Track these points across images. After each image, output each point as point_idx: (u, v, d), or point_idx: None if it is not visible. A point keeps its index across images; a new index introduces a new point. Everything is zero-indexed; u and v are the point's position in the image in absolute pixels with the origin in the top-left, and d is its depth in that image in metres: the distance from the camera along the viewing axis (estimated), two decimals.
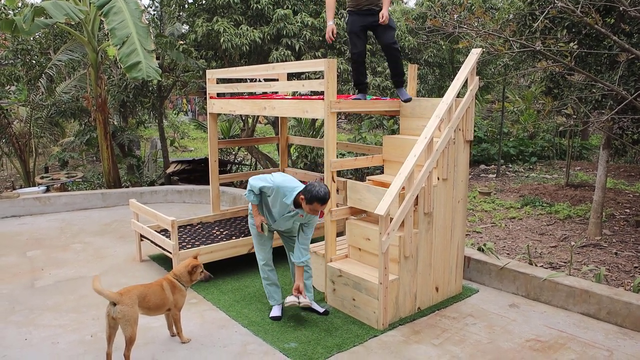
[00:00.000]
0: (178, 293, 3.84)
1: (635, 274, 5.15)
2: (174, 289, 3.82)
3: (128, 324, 3.45)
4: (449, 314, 4.46)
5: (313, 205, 3.88)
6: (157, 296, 3.71)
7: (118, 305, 3.44)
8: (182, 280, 3.88)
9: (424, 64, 12.09)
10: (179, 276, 3.88)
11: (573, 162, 12.51)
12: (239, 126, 13.01)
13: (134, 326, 3.49)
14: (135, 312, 3.51)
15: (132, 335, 3.47)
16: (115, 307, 3.44)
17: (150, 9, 11.29)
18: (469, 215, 7.48)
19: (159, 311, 3.79)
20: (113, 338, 3.52)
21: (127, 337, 3.47)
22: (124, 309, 3.44)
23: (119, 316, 3.43)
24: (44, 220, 7.68)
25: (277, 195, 4.07)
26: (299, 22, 8.49)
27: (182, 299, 3.87)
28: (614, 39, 4.48)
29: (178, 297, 3.83)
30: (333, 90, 4.37)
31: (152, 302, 3.67)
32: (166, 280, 3.85)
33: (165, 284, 3.81)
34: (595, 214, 6.40)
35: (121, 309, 3.44)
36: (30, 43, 10.65)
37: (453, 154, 4.53)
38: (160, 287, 3.76)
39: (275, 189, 4.06)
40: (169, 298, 3.77)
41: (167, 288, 3.78)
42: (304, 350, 3.80)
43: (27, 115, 10.68)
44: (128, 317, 3.45)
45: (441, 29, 5.19)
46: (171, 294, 3.79)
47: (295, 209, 4.07)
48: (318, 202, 3.86)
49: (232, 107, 5.79)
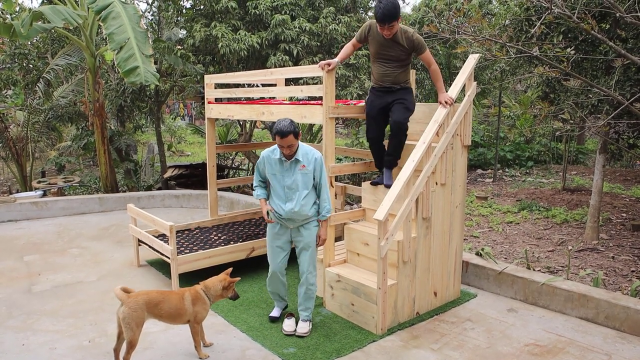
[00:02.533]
0: (200, 306, 3.70)
1: (633, 278, 5.17)
2: (197, 301, 3.70)
3: (128, 327, 3.43)
4: (447, 318, 4.46)
5: (277, 139, 3.91)
6: (173, 305, 3.61)
7: (123, 306, 3.44)
8: (210, 293, 3.77)
9: (421, 69, 12.14)
10: (209, 289, 3.78)
11: (569, 167, 12.55)
12: (237, 131, 13.02)
13: (135, 330, 3.44)
14: (139, 316, 3.47)
15: (131, 339, 3.44)
16: (120, 307, 3.45)
17: (148, 14, 11.31)
18: (467, 219, 7.50)
19: (174, 320, 3.67)
20: (122, 337, 3.52)
21: (127, 340, 3.46)
22: (126, 311, 3.43)
23: (121, 317, 3.44)
24: (41, 225, 7.66)
25: (269, 160, 4.09)
26: (297, 28, 8.52)
27: (203, 312, 3.73)
28: (609, 44, 4.51)
29: (199, 310, 3.69)
30: (331, 96, 4.38)
31: (164, 310, 3.57)
32: (191, 290, 3.74)
33: (187, 294, 3.70)
34: (592, 218, 6.43)
35: (124, 310, 3.43)
36: (28, 47, 10.65)
37: (451, 159, 4.54)
38: (180, 297, 3.66)
39: (265, 158, 4.11)
40: (187, 309, 3.65)
41: (187, 299, 3.67)
42: (303, 356, 3.80)
43: (24, 119, 10.65)
44: (129, 320, 3.43)
45: (438, 35, 5.21)
46: (191, 305, 3.66)
47: (288, 160, 4.03)
48: (278, 135, 3.87)
49: (230, 112, 5.80)
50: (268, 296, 4.90)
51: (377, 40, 4.48)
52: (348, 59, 8.87)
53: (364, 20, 9.81)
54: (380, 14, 4.19)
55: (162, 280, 5.32)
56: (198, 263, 5.08)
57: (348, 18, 8.90)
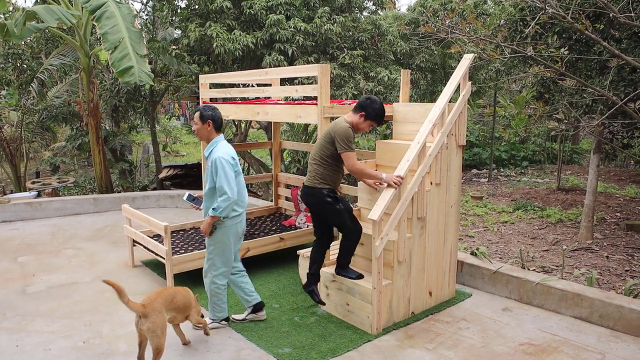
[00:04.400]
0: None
1: (627, 277, 5.20)
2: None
3: (155, 336, 3.41)
4: (442, 318, 4.47)
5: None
6: (184, 297, 3.79)
7: (144, 319, 3.39)
8: None
9: (416, 69, 12.17)
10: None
11: (564, 167, 12.61)
12: (232, 131, 13.00)
13: (161, 337, 3.43)
14: (162, 321, 3.46)
15: (158, 345, 3.42)
16: (140, 319, 3.41)
17: (142, 14, 11.28)
18: (462, 219, 7.51)
19: (185, 312, 3.81)
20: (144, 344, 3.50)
21: (154, 347, 3.42)
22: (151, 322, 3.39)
23: (145, 329, 3.39)
24: (35, 226, 7.62)
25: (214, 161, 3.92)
26: (292, 28, 8.52)
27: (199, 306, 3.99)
28: (603, 44, 4.53)
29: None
30: (326, 95, 4.38)
31: (180, 302, 3.72)
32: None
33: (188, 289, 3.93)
34: (586, 217, 6.46)
35: (148, 323, 3.39)
36: (22, 47, 10.60)
37: (446, 159, 4.55)
38: (186, 290, 3.88)
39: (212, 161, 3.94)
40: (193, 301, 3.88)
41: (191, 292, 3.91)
42: (298, 356, 3.79)
43: (18, 119, 10.60)
44: (154, 329, 3.39)
45: (433, 35, 5.22)
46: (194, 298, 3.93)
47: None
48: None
49: (225, 112, 5.79)
50: (263, 296, 4.89)
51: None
52: (343, 59, 8.89)
53: (359, 20, 9.82)
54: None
55: (157, 280, 5.30)
56: (193, 263, 5.07)
57: (343, 18, 8.90)
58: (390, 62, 10.23)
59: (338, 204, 4.19)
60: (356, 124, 4.17)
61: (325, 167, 4.17)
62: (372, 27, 9.59)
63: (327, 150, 4.14)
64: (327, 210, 4.22)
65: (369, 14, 10.42)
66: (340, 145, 4.02)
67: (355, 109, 4.19)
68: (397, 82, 8.87)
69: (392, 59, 10.27)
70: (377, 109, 4.16)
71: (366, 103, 4.16)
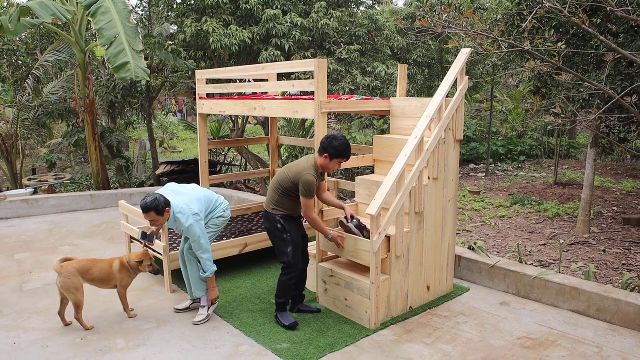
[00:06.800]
0: (125, 274, 4.29)
1: (624, 271, 5.21)
2: (122, 269, 4.28)
3: (69, 292, 4.04)
4: (440, 312, 4.47)
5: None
6: (103, 271, 4.21)
7: (59, 277, 4.04)
8: (130, 264, 4.31)
9: (413, 64, 12.15)
10: (129, 260, 4.33)
11: (561, 161, 12.63)
12: (229, 127, 12.98)
13: (76, 293, 4.05)
14: (74, 282, 4.04)
15: (75, 301, 4.06)
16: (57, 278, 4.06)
17: (138, 9, 11.22)
18: (459, 214, 7.52)
19: (104, 284, 4.25)
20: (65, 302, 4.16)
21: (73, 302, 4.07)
22: (63, 280, 4.03)
23: (59, 286, 4.04)
24: (31, 223, 7.59)
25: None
26: (289, 23, 8.48)
27: (127, 279, 4.33)
28: (600, 38, 4.52)
29: (124, 277, 4.29)
30: (323, 91, 4.37)
31: (95, 275, 4.18)
32: (119, 260, 4.33)
33: (116, 262, 4.29)
34: (583, 212, 6.47)
35: (60, 280, 4.03)
36: (17, 43, 10.53)
37: (443, 154, 4.54)
38: (110, 264, 4.26)
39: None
40: (115, 275, 4.25)
41: (115, 266, 4.26)
42: (297, 351, 3.80)
43: (13, 116, 10.55)
44: (67, 287, 4.02)
45: (430, 30, 5.20)
46: (118, 272, 4.26)
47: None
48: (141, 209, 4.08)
49: (222, 108, 5.76)
50: (261, 292, 4.90)
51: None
52: (340, 54, 8.87)
53: (356, 15, 9.79)
54: None
55: (153, 276, 5.29)
56: None
57: (340, 13, 8.87)
58: (388, 57, 10.20)
59: (286, 234, 4.18)
60: (325, 166, 4.15)
61: (282, 196, 4.18)
62: (369, 22, 9.56)
63: (288, 186, 4.13)
64: (275, 236, 4.24)
65: (366, 8, 10.39)
66: (303, 191, 4.03)
67: (320, 151, 4.15)
68: (395, 77, 8.85)
69: (389, 54, 10.24)
70: (337, 147, 4.06)
71: (326, 144, 4.08)
